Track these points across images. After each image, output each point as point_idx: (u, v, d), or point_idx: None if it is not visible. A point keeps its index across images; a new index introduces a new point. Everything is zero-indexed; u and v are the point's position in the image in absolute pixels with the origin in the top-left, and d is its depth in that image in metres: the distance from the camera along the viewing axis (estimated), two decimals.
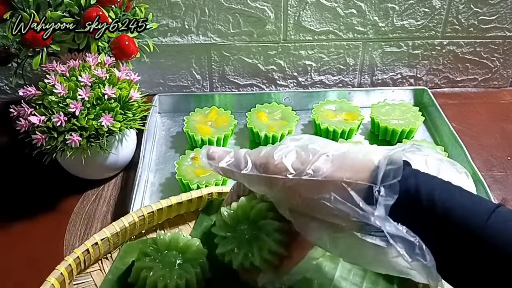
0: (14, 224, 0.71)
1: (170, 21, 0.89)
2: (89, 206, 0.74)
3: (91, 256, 0.48)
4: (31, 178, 0.78)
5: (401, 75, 0.98)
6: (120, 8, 0.74)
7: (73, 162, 0.70)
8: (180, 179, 0.72)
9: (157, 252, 0.48)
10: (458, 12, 0.90)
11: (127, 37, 0.72)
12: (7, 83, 0.94)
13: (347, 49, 0.94)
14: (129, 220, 0.50)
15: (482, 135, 0.87)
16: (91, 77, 0.67)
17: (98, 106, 0.66)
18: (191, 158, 0.75)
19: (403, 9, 0.89)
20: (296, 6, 0.88)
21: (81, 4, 0.68)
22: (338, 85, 0.98)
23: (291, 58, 0.94)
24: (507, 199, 0.74)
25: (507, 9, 0.90)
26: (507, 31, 0.93)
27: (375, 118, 0.84)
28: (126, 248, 0.51)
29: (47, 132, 0.65)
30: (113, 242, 0.50)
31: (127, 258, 0.50)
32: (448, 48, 0.95)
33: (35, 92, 0.67)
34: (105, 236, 0.49)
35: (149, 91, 0.95)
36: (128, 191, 0.74)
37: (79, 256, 0.47)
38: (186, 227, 0.54)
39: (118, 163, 0.76)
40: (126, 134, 0.75)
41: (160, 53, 0.89)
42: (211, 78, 0.96)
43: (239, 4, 0.87)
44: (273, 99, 0.90)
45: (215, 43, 0.92)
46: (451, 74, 0.98)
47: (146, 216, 0.51)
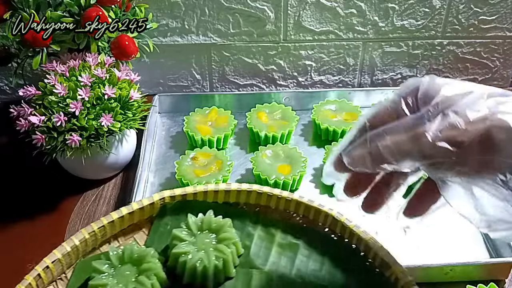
0: (14, 224, 0.71)
1: (170, 21, 0.89)
2: (89, 206, 0.74)
3: (43, 280, 0.46)
4: (31, 178, 0.78)
5: (401, 75, 0.98)
6: (120, 8, 0.74)
7: (73, 162, 0.70)
8: (180, 179, 0.72)
9: (111, 267, 0.46)
10: (458, 12, 0.90)
11: (127, 37, 0.72)
12: (7, 83, 0.94)
13: (347, 49, 0.94)
14: (79, 238, 0.48)
15: None
16: (91, 77, 0.67)
17: (98, 106, 0.66)
18: (191, 158, 0.75)
19: (403, 9, 0.89)
20: (296, 6, 0.88)
21: (81, 4, 0.68)
22: (338, 85, 0.98)
23: (291, 58, 0.94)
24: None
25: (507, 9, 0.90)
26: (507, 31, 0.93)
27: None
28: (80, 266, 0.48)
29: (47, 132, 0.65)
30: (66, 262, 0.48)
31: (82, 277, 0.48)
32: (448, 48, 0.95)
33: (35, 92, 0.67)
34: (56, 258, 0.47)
35: (149, 91, 0.95)
36: (128, 191, 0.74)
37: (31, 282, 0.45)
38: (141, 235, 0.52)
39: (118, 163, 0.76)
40: (126, 134, 0.75)
41: (160, 53, 0.89)
42: (211, 78, 0.96)
43: (239, 4, 0.87)
44: (273, 99, 0.90)
45: (215, 43, 0.92)
46: (451, 74, 0.98)
47: (97, 231, 0.49)
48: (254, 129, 0.82)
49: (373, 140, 0.36)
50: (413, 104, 0.37)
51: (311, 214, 0.49)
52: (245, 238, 0.49)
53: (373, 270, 0.46)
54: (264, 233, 0.49)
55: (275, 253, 0.48)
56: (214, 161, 0.75)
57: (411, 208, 0.41)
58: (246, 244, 0.48)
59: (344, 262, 0.47)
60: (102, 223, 0.49)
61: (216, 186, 0.50)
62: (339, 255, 0.48)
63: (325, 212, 0.48)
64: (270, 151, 0.77)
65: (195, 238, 0.47)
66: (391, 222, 0.70)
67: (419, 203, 0.40)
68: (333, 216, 0.48)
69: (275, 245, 0.49)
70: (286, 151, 0.77)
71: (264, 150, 0.77)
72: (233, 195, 0.50)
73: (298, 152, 0.77)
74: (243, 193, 0.50)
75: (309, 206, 0.49)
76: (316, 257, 0.48)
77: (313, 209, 0.49)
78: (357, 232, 0.47)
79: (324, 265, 0.47)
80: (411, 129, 0.34)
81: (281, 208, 0.50)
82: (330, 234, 0.49)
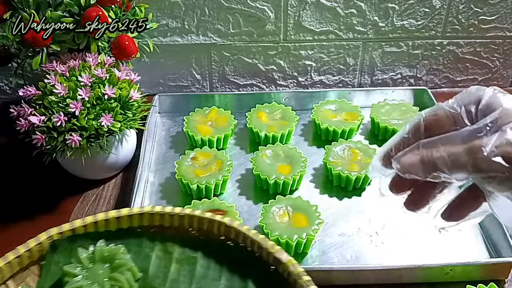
0: (14, 224, 0.71)
1: (170, 21, 0.89)
2: (89, 206, 0.74)
3: None
4: (31, 178, 0.78)
5: (401, 75, 0.98)
6: (120, 8, 0.74)
7: (73, 162, 0.70)
8: (180, 179, 0.72)
9: (83, 269, 0.46)
10: (458, 12, 0.90)
11: (127, 37, 0.72)
12: (7, 83, 0.94)
13: (347, 49, 0.94)
14: None
15: None
16: (91, 77, 0.67)
17: (98, 106, 0.66)
18: (191, 158, 0.75)
19: (403, 9, 0.89)
20: (296, 6, 0.88)
21: (81, 4, 0.68)
22: (338, 85, 0.98)
23: (291, 58, 0.94)
24: None
25: (507, 9, 0.90)
26: (507, 31, 0.93)
27: (375, 118, 0.84)
28: None
29: (47, 132, 0.65)
30: None
31: None
32: (448, 48, 0.95)
33: (35, 92, 0.67)
34: None
35: (149, 91, 0.95)
36: (128, 191, 0.74)
37: None
38: (33, 278, 0.49)
39: (118, 163, 0.76)
40: (126, 134, 0.75)
41: (160, 53, 0.89)
42: (211, 78, 0.96)
43: (239, 4, 0.87)
44: (273, 99, 0.90)
45: (215, 43, 0.92)
46: (451, 74, 0.98)
47: None
48: (254, 129, 0.82)
49: (427, 148, 0.37)
50: (473, 114, 0.37)
51: (205, 226, 0.49)
52: (142, 261, 0.48)
53: (268, 269, 0.46)
54: (162, 252, 0.49)
55: (174, 269, 0.48)
56: (214, 161, 0.75)
57: (450, 211, 0.41)
58: (143, 267, 0.48)
59: (241, 266, 0.48)
60: None
61: (106, 214, 0.49)
62: (236, 260, 0.48)
63: (218, 221, 0.48)
64: (270, 151, 0.77)
65: (87, 272, 0.46)
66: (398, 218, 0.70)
67: (460, 208, 0.41)
68: (225, 224, 0.48)
69: (174, 262, 0.48)
70: (286, 151, 0.77)
71: (264, 150, 0.77)
72: (125, 221, 0.49)
73: (298, 152, 0.77)
74: (135, 217, 0.49)
75: (201, 218, 0.49)
76: (214, 266, 0.48)
77: (206, 220, 0.49)
78: (249, 236, 0.47)
79: (223, 273, 0.48)
80: (468, 141, 0.35)
81: (176, 224, 0.50)
82: (225, 241, 0.49)
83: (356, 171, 0.73)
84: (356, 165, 0.74)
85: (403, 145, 0.39)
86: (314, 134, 0.87)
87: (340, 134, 0.82)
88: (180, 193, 0.75)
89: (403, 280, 0.62)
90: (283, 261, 0.45)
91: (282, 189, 0.73)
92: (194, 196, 0.72)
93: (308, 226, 0.65)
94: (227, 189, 0.76)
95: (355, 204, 0.73)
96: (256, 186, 0.76)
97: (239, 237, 0.48)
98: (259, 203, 0.72)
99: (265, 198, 0.71)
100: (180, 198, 0.74)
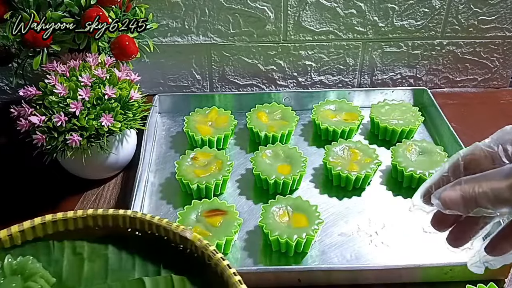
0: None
1: (170, 21, 0.89)
2: (89, 206, 0.74)
3: None
4: (31, 178, 0.78)
5: (400, 75, 0.98)
6: (120, 8, 0.74)
7: (74, 162, 0.70)
8: (180, 179, 0.73)
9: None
10: (458, 12, 0.90)
11: (127, 37, 0.72)
12: (7, 83, 0.94)
13: (347, 49, 0.94)
14: None
15: (481, 135, 0.86)
16: (92, 77, 0.67)
17: (98, 106, 0.66)
18: (191, 158, 0.75)
19: (403, 9, 0.90)
20: (296, 6, 0.88)
21: (81, 4, 0.68)
22: (338, 85, 0.98)
23: (291, 58, 0.94)
24: None
25: (507, 9, 0.90)
26: (507, 31, 0.93)
27: (374, 118, 0.84)
28: None
29: (47, 132, 0.65)
30: None
31: None
32: (448, 48, 0.95)
33: (36, 92, 0.67)
34: None
35: (149, 91, 0.95)
36: (128, 191, 0.74)
37: None
38: None
39: (118, 163, 0.76)
40: (126, 134, 0.75)
41: (160, 53, 0.89)
42: (211, 78, 0.96)
43: (239, 4, 0.87)
44: (273, 99, 0.90)
45: (215, 43, 0.92)
46: (451, 74, 0.98)
47: None
48: (254, 129, 0.82)
49: (469, 184, 0.38)
50: (510, 152, 0.39)
51: (110, 222, 0.50)
52: (54, 266, 0.49)
53: (177, 249, 0.49)
54: (72, 255, 0.50)
55: (88, 268, 0.49)
56: (214, 161, 0.75)
57: (494, 245, 0.42)
58: (56, 272, 0.48)
59: (152, 252, 0.49)
60: None
61: (8, 230, 0.49)
62: (146, 248, 0.50)
63: (121, 215, 0.50)
64: (270, 151, 0.77)
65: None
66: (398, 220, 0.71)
67: (502, 242, 0.42)
68: (129, 216, 0.49)
69: (86, 261, 0.49)
70: (286, 151, 0.77)
71: (264, 150, 0.77)
72: (29, 233, 0.49)
73: (298, 152, 0.77)
74: (38, 228, 0.50)
75: (105, 216, 0.50)
76: (127, 257, 0.50)
77: (110, 217, 0.50)
78: (154, 222, 0.49)
79: (136, 262, 0.49)
80: (510, 177, 0.36)
81: (81, 226, 0.50)
82: (133, 232, 0.51)
83: (356, 171, 0.73)
84: (356, 165, 0.75)
85: (442, 183, 0.41)
86: (314, 134, 0.87)
87: (340, 134, 0.82)
88: (180, 193, 0.75)
89: (403, 280, 0.62)
90: (189, 238, 0.47)
91: (282, 189, 0.73)
92: (194, 196, 0.72)
93: (308, 226, 0.65)
94: (227, 189, 0.76)
95: (355, 204, 0.74)
96: (256, 186, 0.76)
97: (144, 225, 0.49)
98: (259, 203, 0.72)
99: (265, 198, 0.71)
100: (180, 198, 0.74)
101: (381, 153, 0.78)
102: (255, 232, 0.68)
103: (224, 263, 0.45)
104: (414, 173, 0.72)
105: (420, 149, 0.77)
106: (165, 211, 0.72)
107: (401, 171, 0.74)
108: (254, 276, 0.61)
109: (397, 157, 0.76)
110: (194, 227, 0.64)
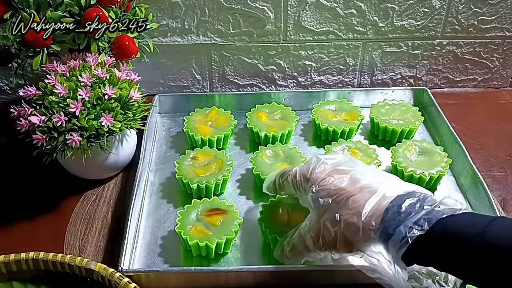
0: (14, 224, 0.71)
1: (170, 21, 0.89)
2: (89, 206, 0.74)
3: None
4: (31, 178, 0.78)
5: (400, 75, 0.98)
6: (120, 8, 0.74)
7: (73, 162, 0.70)
8: (180, 179, 0.73)
9: None
10: (458, 12, 0.90)
11: (127, 37, 0.72)
12: (7, 83, 0.94)
13: (347, 49, 0.94)
14: None
15: (481, 135, 0.87)
16: (92, 77, 0.67)
17: (98, 106, 0.66)
18: (191, 158, 0.75)
19: (403, 9, 0.90)
20: (296, 6, 0.88)
21: (81, 4, 0.68)
22: (338, 85, 0.98)
23: (291, 58, 0.94)
24: (506, 199, 0.74)
25: (507, 9, 0.90)
26: (507, 31, 0.93)
27: (374, 118, 0.84)
28: None
29: (47, 132, 0.65)
30: None
31: None
32: (447, 48, 0.95)
33: (36, 92, 0.67)
34: None
35: (149, 91, 0.95)
36: (129, 191, 0.74)
37: None
38: None
39: (118, 163, 0.76)
40: (126, 134, 0.75)
41: (160, 53, 0.89)
42: (211, 78, 0.96)
43: (239, 4, 0.87)
44: (273, 99, 0.90)
45: (215, 43, 0.92)
46: (451, 74, 0.98)
47: None
48: (254, 129, 0.82)
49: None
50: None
51: (14, 267, 0.54)
52: None
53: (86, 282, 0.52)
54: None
55: None
56: (214, 161, 0.75)
57: None
58: None
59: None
60: None
61: None
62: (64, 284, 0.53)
63: (24, 258, 0.53)
64: (270, 151, 0.77)
65: None
66: None
67: None
68: (32, 258, 0.53)
69: None
70: (286, 151, 0.77)
71: (264, 150, 0.77)
72: None
73: (298, 152, 0.77)
74: None
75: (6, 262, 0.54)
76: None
77: (13, 262, 0.54)
78: (57, 260, 0.52)
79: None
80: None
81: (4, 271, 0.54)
82: (38, 273, 0.54)
83: None
84: None
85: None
86: (314, 134, 0.87)
87: (340, 134, 0.82)
88: (180, 193, 0.75)
89: None
90: (94, 270, 0.51)
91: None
92: (194, 195, 0.72)
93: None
94: (227, 189, 0.76)
95: None
96: (256, 186, 0.76)
97: (48, 265, 0.53)
98: (259, 203, 0.72)
99: (265, 197, 0.71)
100: (180, 197, 0.74)
101: (381, 153, 0.78)
102: (255, 232, 0.68)
103: (131, 286, 0.48)
104: (414, 173, 0.72)
105: (420, 149, 0.77)
106: (165, 210, 0.72)
107: (401, 171, 0.74)
108: (254, 276, 0.61)
109: (397, 157, 0.76)
110: (194, 226, 0.64)
